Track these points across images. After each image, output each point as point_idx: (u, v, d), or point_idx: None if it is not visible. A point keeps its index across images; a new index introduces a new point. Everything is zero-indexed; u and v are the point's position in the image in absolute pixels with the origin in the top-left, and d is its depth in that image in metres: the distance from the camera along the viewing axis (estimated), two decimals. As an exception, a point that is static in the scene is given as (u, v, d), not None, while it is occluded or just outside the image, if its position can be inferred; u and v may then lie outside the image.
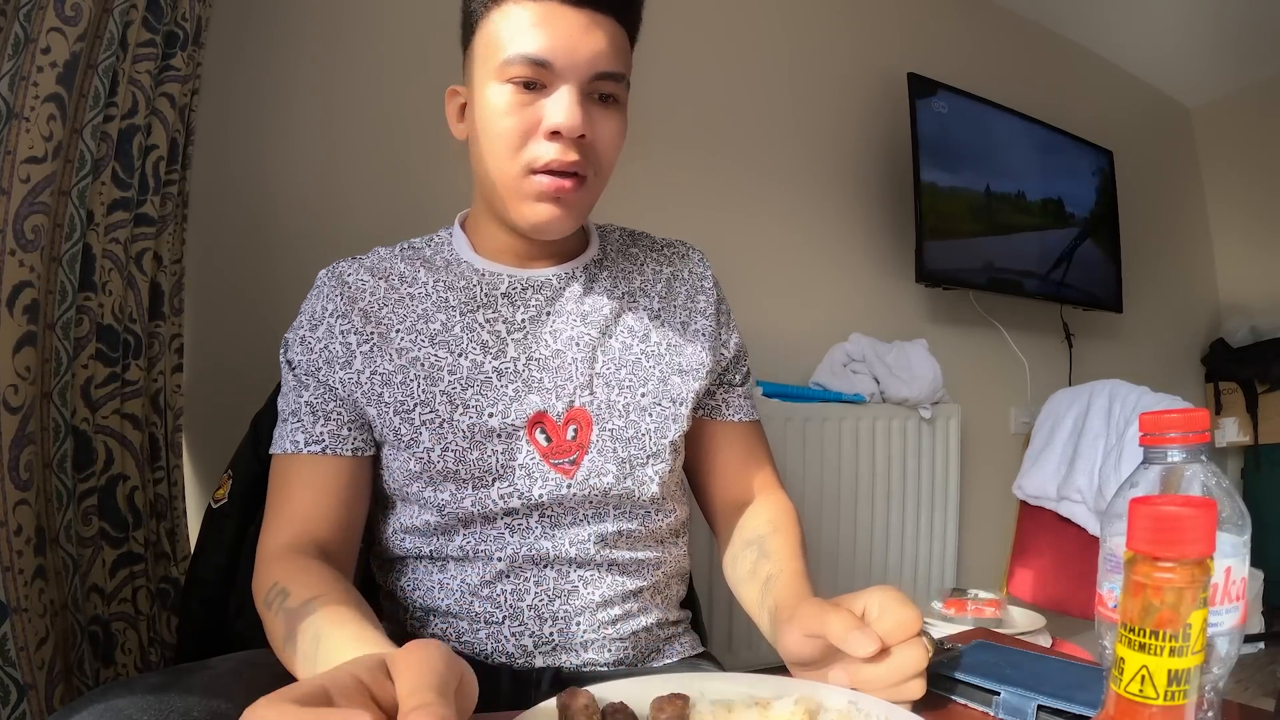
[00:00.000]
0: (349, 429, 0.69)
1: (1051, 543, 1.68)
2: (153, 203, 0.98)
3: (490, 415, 0.67)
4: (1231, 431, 2.70)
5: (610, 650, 0.69)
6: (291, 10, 1.29)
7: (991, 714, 0.50)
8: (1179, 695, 0.30)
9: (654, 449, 0.70)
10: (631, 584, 0.70)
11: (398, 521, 0.71)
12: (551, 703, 0.45)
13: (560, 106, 0.64)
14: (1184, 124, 3.08)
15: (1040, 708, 0.48)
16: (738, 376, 0.81)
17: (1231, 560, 0.43)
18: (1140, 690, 0.30)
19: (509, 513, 0.67)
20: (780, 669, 0.57)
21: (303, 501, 0.67)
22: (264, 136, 1.26)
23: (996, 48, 2.39)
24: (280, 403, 0.71)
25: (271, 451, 0.70)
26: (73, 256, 0.89)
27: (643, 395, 0.71)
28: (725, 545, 0.77)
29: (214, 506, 0.93)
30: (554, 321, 0.72)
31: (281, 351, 0.72)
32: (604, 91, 0.67)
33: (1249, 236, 2.98)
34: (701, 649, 0.79)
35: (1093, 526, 1.57)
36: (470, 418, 0.67)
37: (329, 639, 0.51)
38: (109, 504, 0.93)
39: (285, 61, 1.28)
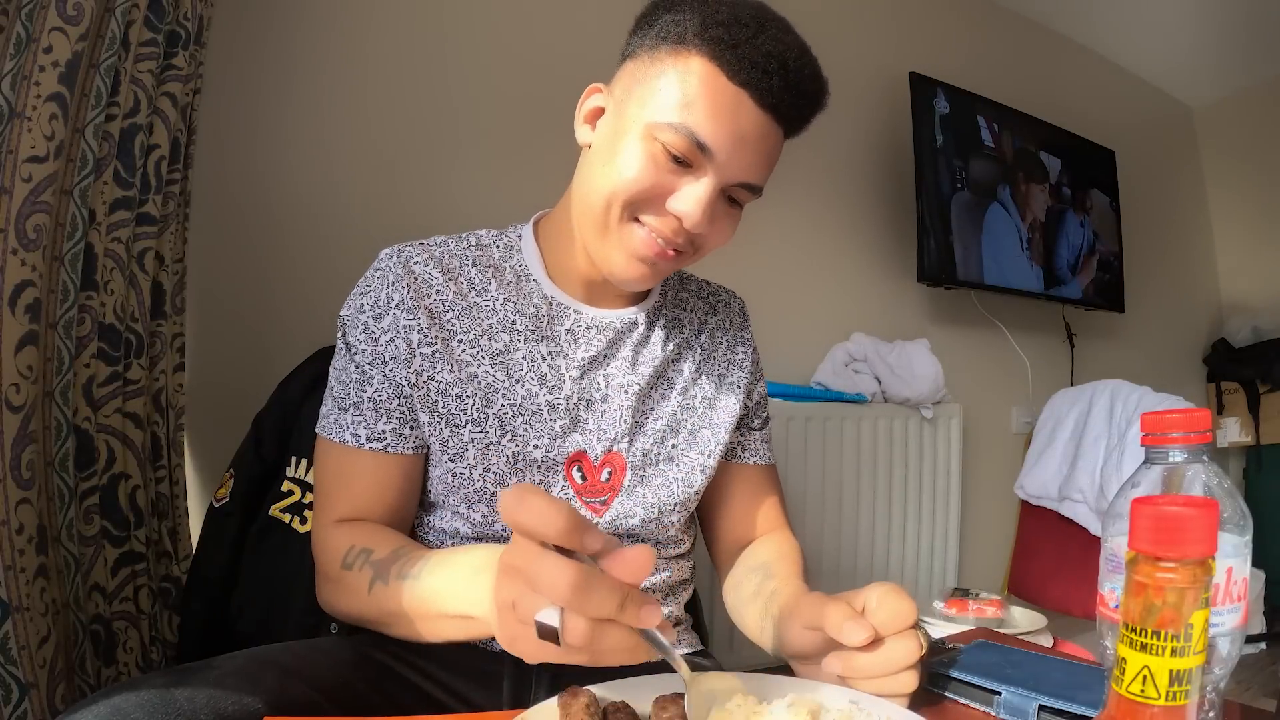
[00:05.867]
0: (410, 427, 0.68)
1: (1053, 543, 1.68)
2: (154, 202, 0.98)
3: (535, 447, 0.68)
4: (1233, 432, 2.69)
5: None
6: (293, 9, 1.29)
7: (993, 714, 0.50)
8: (1180, 695, 0.30)
9: (681, 497, 0.73)
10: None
11: (433, 519, 0.72)
12: (552, 702, 0.45)
13: (694, 200, 0.62)
14: (1186, 123, 3.07)
15: (1041, 708, 0.48)
16: (757, 422, 0.83)
17: (1233, 560, 0.43)
18: (1142, 690, 0.30)
19: None
20: (780, 669, 0.57)
21: (360, 495, 0.68)
22: (266, 136, 1.26)
23: (998, 47, 2.38)
24: (338, 386, 0.69)
25: (329, 438, 0.68)
26: (74, 256, 0.89)
27: (674, 446, 0.73)
28: (726, 575, 0.79)
29: (216, 505, 0.94)
30: (609, 365, 0.72)
31: (339, 332, 0.70)
32: (736, 198, 0.67)
33: (1251, 236, 2.97)
34: (701, 648, 0.79)
35: (1094, 526, 1.57)
36: (516, 445, 0.67)
37: (435, 558, 0.55)
38: (110, 503, 0.93)
39: (287, 61, 1.28)
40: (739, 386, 0.79)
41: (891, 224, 2.08)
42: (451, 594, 0.52)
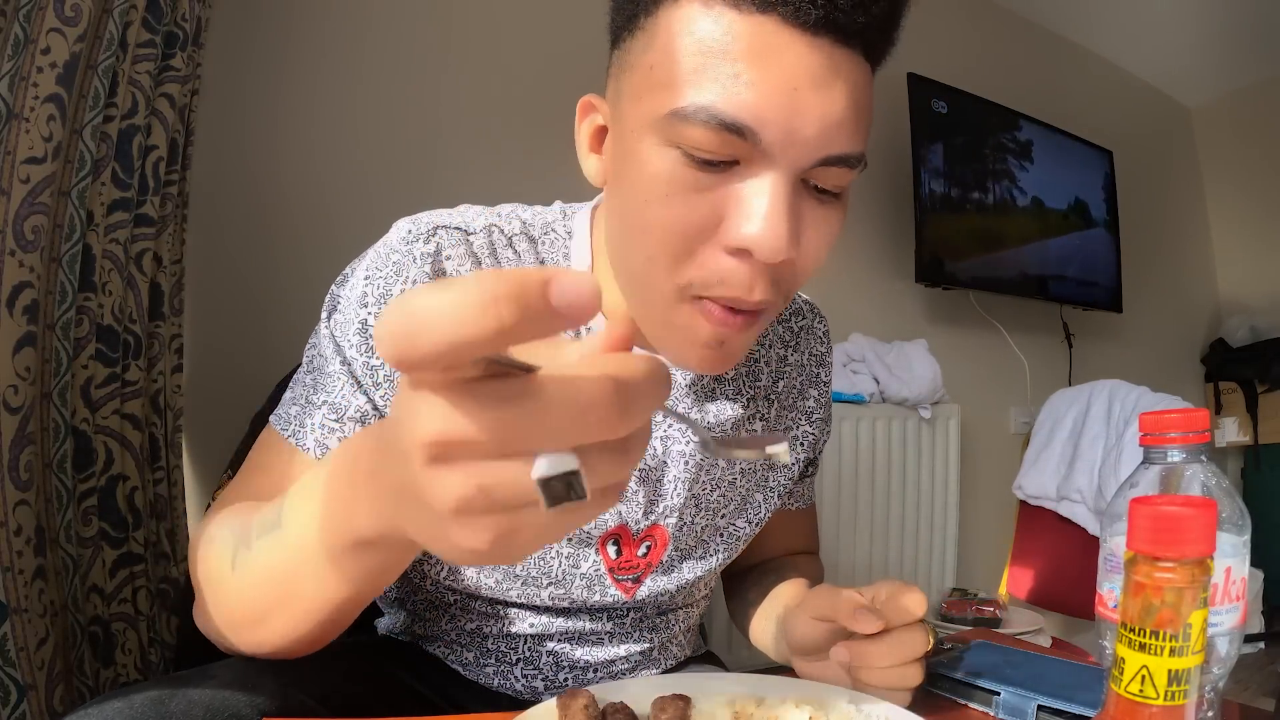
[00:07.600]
0: None
1: (1051, 543, 1.68)
2: (152, 203, 0.98)
3: None
4: (1231, 431, 2.70)
5: None
6: (291, 10, 1.29)
7: (991, 714, 0.50)
8: (1179, 695, 0.30)
9: (717, 568, 0.66)
10: (659, 638, 0.67)
11: (435, 568, 0.60)
12: (551, 703, 0.45)
13: (761, 214, 0.41)
14: (1184, 124, 3.08)
15: (1040, 708, 0.48)
16: (810, 469, 0.75)
17: (1231, 560, 0.43)
18: (1140, 690, 0.30)
19: (550, 610, 0.61)
20: (780, 670, 0.57)
21: None
22: (264, 137, 1.26)
23: (996, 48, 2.39)
24: (309, 377, 0.53)
25: (283, 434, 0.53)
26: (72, 257, 0.89)
27: (723, 518, 0.64)
28: (738, 588, 0.74)
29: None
30: (667, 428, 0.59)
31: (326, 313, 0.54)
32: (826, 185, 0.44)
33: (1249, 236, 2.98)
34: (702, 649, 0.79)
35: (1093, 526, 1.57)
36: None
37: (292, 491, 0.40)
38: (109, 504, 0.93)
39: (285, 62, 1.28)
40: (804, 444, 0.68)
41: (889, 224, 2.08)
42: (311, 526, 0.36)
